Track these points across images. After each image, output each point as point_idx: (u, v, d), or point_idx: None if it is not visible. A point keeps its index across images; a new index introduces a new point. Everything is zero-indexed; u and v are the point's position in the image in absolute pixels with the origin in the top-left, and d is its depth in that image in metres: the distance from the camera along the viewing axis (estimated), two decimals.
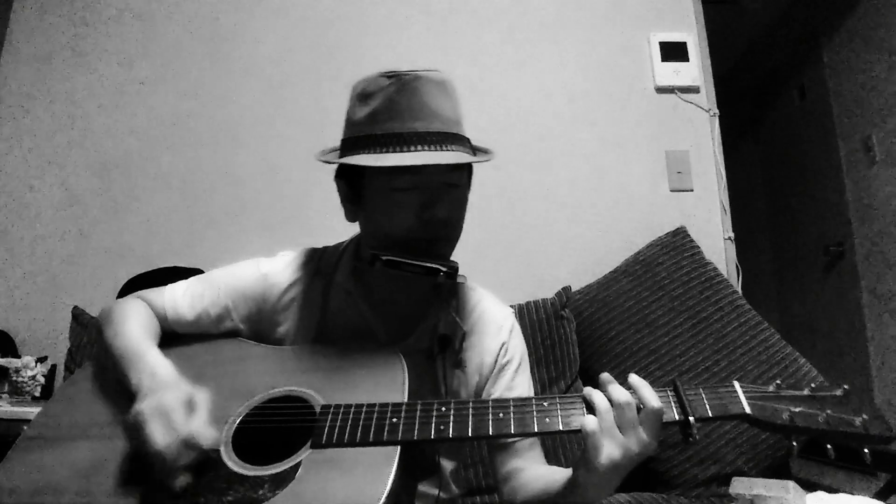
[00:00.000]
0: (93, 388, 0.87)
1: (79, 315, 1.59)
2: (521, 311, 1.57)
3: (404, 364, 0.81)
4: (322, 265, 0.96)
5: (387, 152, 0.79)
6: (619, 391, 0.68)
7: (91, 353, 1.43)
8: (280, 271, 0.95)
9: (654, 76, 1.97)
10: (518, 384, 0.96)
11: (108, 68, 1.93)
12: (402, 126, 0.80)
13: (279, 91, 1.94)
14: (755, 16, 3.01)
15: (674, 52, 1.98)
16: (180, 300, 0.93)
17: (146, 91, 1.92)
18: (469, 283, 0.98)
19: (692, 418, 0.67)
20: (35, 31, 1.95)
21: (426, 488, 0.86)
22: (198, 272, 1.03)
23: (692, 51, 1.98)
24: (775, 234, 3.29)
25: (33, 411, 0.85)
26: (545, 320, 1.57)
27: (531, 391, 1.00)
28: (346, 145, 0.86)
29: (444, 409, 0.72)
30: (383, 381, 0.79)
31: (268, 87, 1.94)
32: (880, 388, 2.29)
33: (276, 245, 1.05)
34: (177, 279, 0.97)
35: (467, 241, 0.92)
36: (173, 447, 0.69)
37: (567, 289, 1.63)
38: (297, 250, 0.99)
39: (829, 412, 0.66)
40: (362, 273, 0.92)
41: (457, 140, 0.83)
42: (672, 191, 1.91)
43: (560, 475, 0.81)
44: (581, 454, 0.69)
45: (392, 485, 0.66)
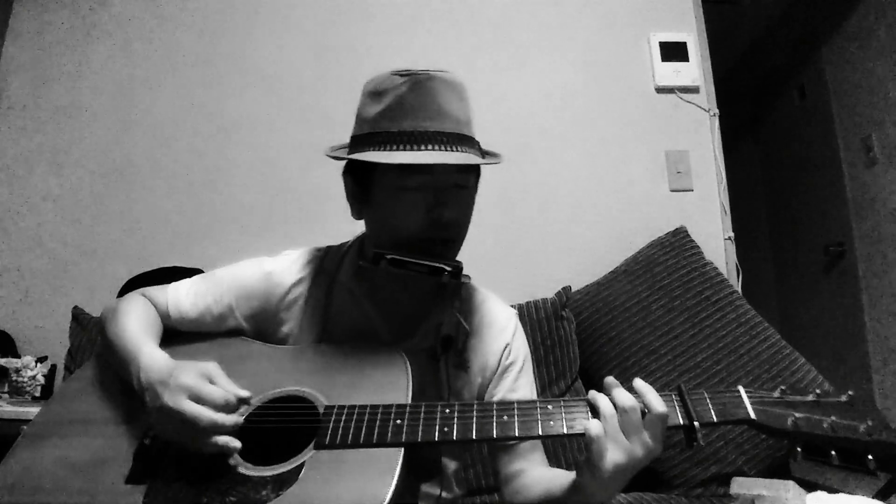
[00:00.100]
0: (95, 385, 0.87)
1: (79, 315, 1.59)
2: (521, 311, 1.57)
3: (408, 365, 0.80)
4: (326, 264, 0.96)
5: (397, 150, 0.79)
6: (623, 396, 0.68)
7: (94, 351, 1.43)
8: (284, 270, 0.94)
9: (654, 76, 1.97)
10: (521, 386, 0.96)
11: (109, 68, 1.93)
12: (413, 125, 0.79)
13: (279, 91, 1.93)
14: (755, 16, 3.01)
15: (674, 52, 1.98)
16: (183, 298, 0.93)
17: (146, 91, 1.92)
18: (472, 283, 0.98)
19: (697, 423, 0.67)
20: (35, 32, 1.95)
21: (428, 488, 0.86)
22: (198, 272, 1.03)
23: (692, 51, 1.98)
24: (775, 234, 3.28)
25: (33, 411, 0.85)
26: (545, 320, 1.57)
27: (534, 393, 0.99)
28: (356, 142, 0.85)
29: (448, 411, 0.72)
30: (387, 381, 0.79)
31: (268, 87, 1.94)
32: (880, 389, 2.29)
33: (275, 245, 1.05)
34: (177, 279, 0.97)
35: (467, 240, 0.92)
36: (219, 411, 0.71)
37: (567, 289, 1.63)
38: (300, 249, 0.99)
39: (833, 418, 0.65)
40: (366, 272, 0.92)
41: (467, 142, 0.83)
42: (672, 191, 1.91)
43: (562, 478, 0.81)
44: (585, 458, 0.69)
45: (396, 486, 0.66)
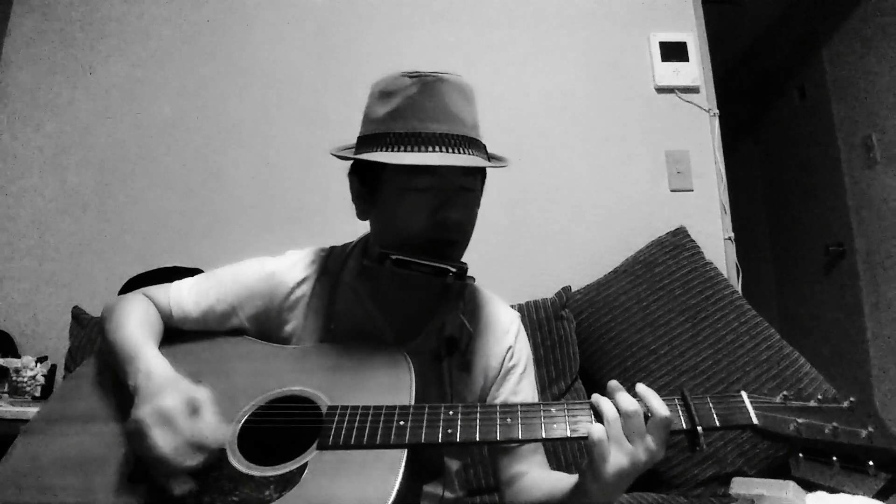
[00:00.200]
0: (96, 383, 0.87)
1: (79, 315, 1.59)
2: (522, 310, 1.57)
3: (411, 366, 0.80)
4: (329, 264, 0.96)
5: (405, 151, 0.79)
6: (627, 400, 0.68)
7: (94, 349, 1.43)
8: (287, 270, 0.94)
9: (654, 76, 1.97)
10: (523, 388, 0.96)
11: (108, 68, 1.93)
12: (422, 126, 0.79)
13: (279, 91, 1.93)
14: (755, 16, 3.01)
15: (674, 52, 1.98)
16: (186, 297, 0.92)
17: (146, 91, 1.92)
18: (476, 284, 0.98)
19: (700, 428, 0.67)
20: (35, 32, 1.95)
21: (431, 488, 0.86)
22: (198, 272, 1.03)
23: (692, 51, 1.98)
24: (775, 234, 3.28)
25: (33, 411, 0.85)
26: (545, 320, 1.57)
27: (536, 395, 0.99)
28: (363, 142, 0.85)
29: (451, 412, 0.72)
30: (390, 382, 0.79)
31: (268, 88, 1.94)
32: (880, 389, 2.29)
33: (275, 245, 1.04)
34: (177, 279, 0.97)
35: None
36: (179, 451, 0.68)
37: (567, 289, 1.63)
38: (304, 249, 0.99)
39: (835, 424, 0.66)
40: (370, 273, 0.92)
41: (475, 145, 0.83)
42: (672, 191, 1.91)
43: (564, 481, 0.81)
44: (588, 461, 0.69)
45: (399, 487, 0.66)
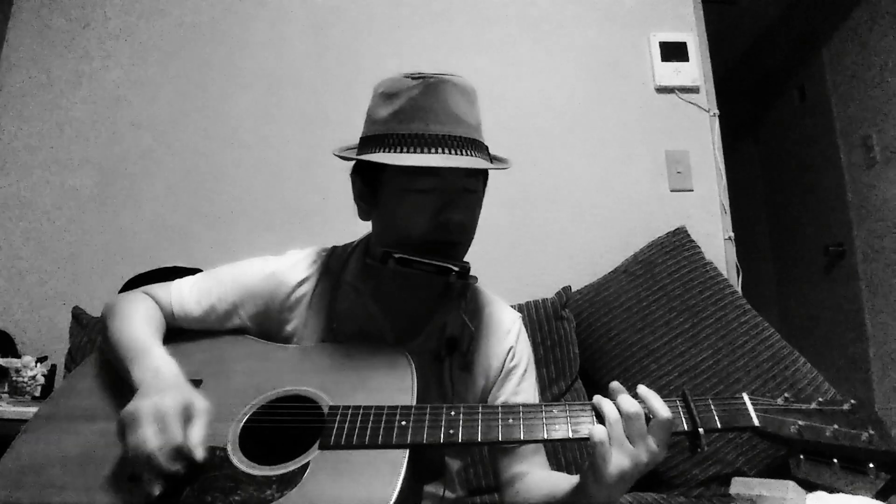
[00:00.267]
0: (97, 381, 0.87)
1: (79, 315, 1.59)
2: (522, 310, 1.56)
3: (412, 366, 0.80)
4: (331, 264, 0.96)
5: (408, 152, 0.79)
6: (628, 401, 0.68)
7: (95, 347, 1.43)
8: (289, 269, 0.94)
9: (654, 76, 1.97)
10: (524, 389, 0.96)
11: (108, 68, 1.93)
12: (425, 127, 0.79)
13: (279, 91, 1.93)
14: (755, 16, 3.00)
15: (674, 52, 1.98)
16: (187, 296, 0.92)
17: (146, 91, 1.92)
18: (477, 285, 0.98)
19: (701, 430, 0.67)
20: (35, 32, 1.95)
21: (432, 488, 0.86)
22: (198, 272, 1.03)
23: (692, 51, 1.98)
24: (775, 234, 3.28)
25: (33, 411, 0.84)
26: (545, 320, 1.57)
27: (537, 396, 0.99)
28: (366, 142, 0.85)
29: (453, 413, 0.72)
30: (391, 382, 0.79)
31: (267, 87, 1.94)
32: (880, 389, 2.29)
33: (275, 245, 1.04)
34: (177, 279, 0.97)
35: None
36: (164, 453, 0.66)
37: (567, 289, 1.63)
38: (306, 249, 0.99)
39: (836, 426, 0.66)
40: (372, 272, 0.92)
41: (477, 146, 0.83)
42: (672, 191, 1.91)
43: (565, 482, 0.81)
44: (589, 462, 0.69)
45: (401, 487, 0.66)
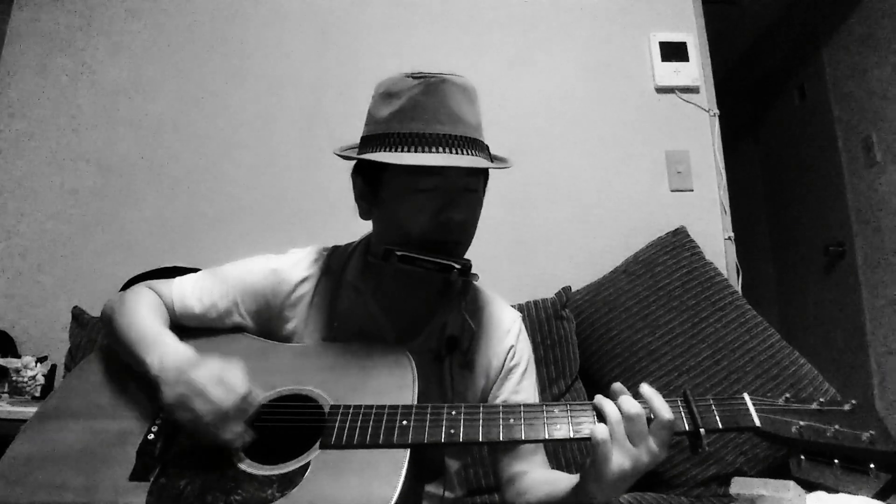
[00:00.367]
0: (98, 380, 0.87)
1: (79, 315, 1.59)
2: (522, 310, 1.56)
3: (413, 365, 0.81)
4: (332, 263, 0.96)
5: (409, 151, 0.79)
6: (630, 402, 0.68)
7: (96, 345, 1.43)
8: (290, 268, 0.94)
9: (654, 76, 1.97)
10: (524, 388, 0.96)
11: (108, 68, 1.93)
12: (426, 127, 0.80)
13: (279, 91, 1.93)
14: (755, 16, 3.00)
15: (674, 52, 1.98)
16: (189, 293, 0.92)
17: (146, 91, 1.92)
18: (477, 284, 0.98)
19: (703, 430, 0.67)
20: (35, 32, 1.95)
21: (432, 488, 0.86)
22: (198, 272, 1.03)
23: (692, 51, 1.98)
24: (775, 234, 3.28)
25: (33, 411, 0.84)
26: (545, 320, 1.57)
27: (537, 395, 1.00)
28: (367, 142, 0.86)
29: (454, 412, 0.72)
30: (392, 381, 0.79)
31: (267, 88, 1.94)
32: (880, 389, 2.29)
33: (275, 245, 1.04)
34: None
35: None
36: (239, 404, 0.72)
37: (567, 289, 1.63)
38: (307, 248, 0.99)
39: (836, 427, 0.66)
40: (373, 271, 0.92)
41: (478, 146, 0.84)
42: (672, 191, 1.91)
43: (564, 481, 0.81)
44: (590, 462, 0.69)
45: (402, 487, 0.66)
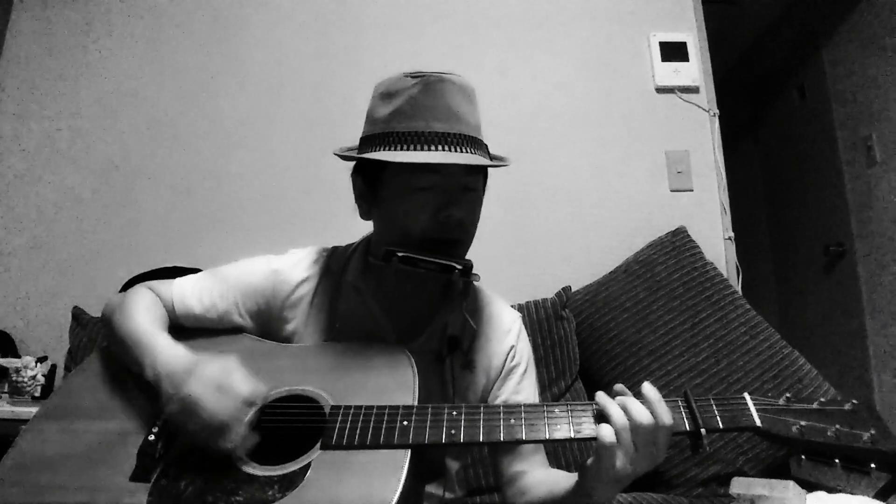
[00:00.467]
0: (98, 381, 0.87)
1: (79, 315, 1.59)
2: (521, 310, 1.57)
3: (414, 365, 0.81)
4: (332, 264, 0.96)
5: (408, 150, 0.79)
6: (638, 409, 0.67)
7: (97, 346, 1.43)
8: (290, 269, 0.94)
9: (654, 76, 1.97)
10: (525, 388, 0.96)
11: (108, 68, 1.93)
12: (424, 125, 0.80)
13: (279, 91, 1.93)
14: (755, 16, 3.00)
15: (674, 52, 1.98)
16: (189, 294, 0.92)
17: (146, 91, 1.92)
18: (477, 285, 0.98)
19: (703, 430, 0.67)
20: (35, 32, 1.95)
21: (432, 489, 0.87)
22: (197, 272, 1.03)
23: (692, 51, 1.98)
24: (775, 234, 3.28)
25: (33, 411, 0.84)
26: (545, 320, 1.57)
27: (537, 394, 1.00)
28: (367, 142, 0.86)
29: (455, 413, 0.73)
30: (393, 382, 0.79)
31: (267, 88, 1.94)
32: (880, 389, 2.29)
33: (276, 245, 1.04)
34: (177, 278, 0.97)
35: None
36: (239, 410, 0.71)
37: (567, 289, 1.63)
38: (307, 249, 0.99)
39: (837, 426, 0.66)
40: (374, 272, 0.92)
41: (477, 144, 0.84)
42: (672, 191, 1.91)
43: (564, 480, 0.81)
44: (591, 463, 0.70)
45: (403, 488, 0.66)
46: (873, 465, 0.62)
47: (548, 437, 0.70)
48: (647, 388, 0.69)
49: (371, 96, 0.88)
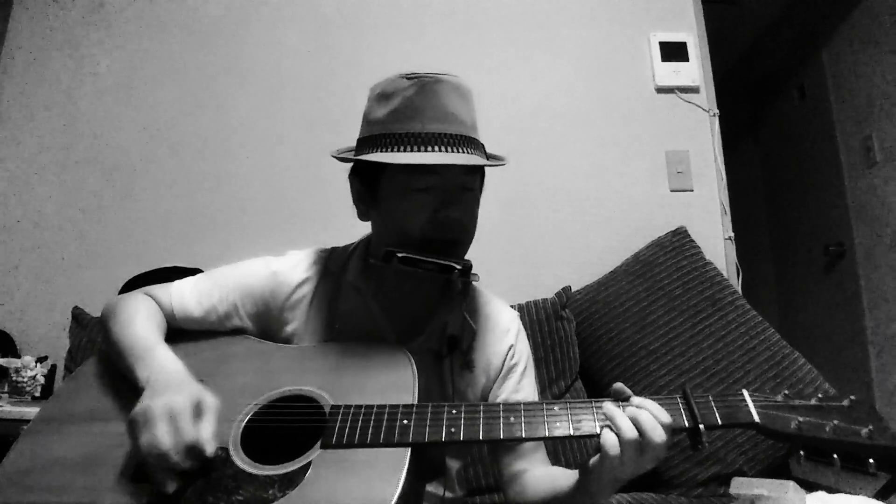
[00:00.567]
0: (98, 382, 0.87)
1: (79, 315, 1.59)
2: (521, 310, 1.57)
3: (413, 365, 0.81)
4: (331, 265, 0.96)
5: (405, 151, 0.80)
6: (649, 423, 0.67)
7: (96, 348, 1.43)
8: (289, 270, 0.95)
9: (654, 76, 1.97)
10: (524, 387, 0.97)
11: (108, 69, 1.93)
12: (421, 126, 0.80)
13: (279, 91, 1.93)
14: (755, 16, 3.01)
15: (674, 52, 1.98)
16: (188, 296, 0.92)
17: (146, 92, 1.92)
18: (476, 284, 0.98)
19: (702, 427, 0.68)
20: (35, 32, 1.95)
21: (432, 488, 0.87)
22: (198, 272, 1.03)
23: (692, 51, 1.98)
24: (775, 234, 3.28)
25: (33, 411, 0.84)
26: (545, 320, 1.57)
27: (536, 393, 1.00)
28: (363, 143, 0.86)
29: (454, 411, 0.73)
30: (393, 381, 0.79)
31: (267, 88, 1.94)
32: (880, 389, 2.29)
33: (275, 245, 1.05)
34: (177, 279, 0.97)
35: None
36: (177, 451, 0.67)
37: (567, 289, 1.63)
38: (306, 250, 0.99)
39: (835, 422, 0.66)
40: (373, 272, 0.93)
41: (473, 144, 0.84)
42: (672, 191, 1.91)
43: (564, 479, 0.82)
44: (594, 465, 0.70)
45: (403, 487, 0.66)
46: (872, 460, 0.62)
47: (547, 434, 0.70)
48: (643, 402, 0.69)
49: (367, 98, 0.88)
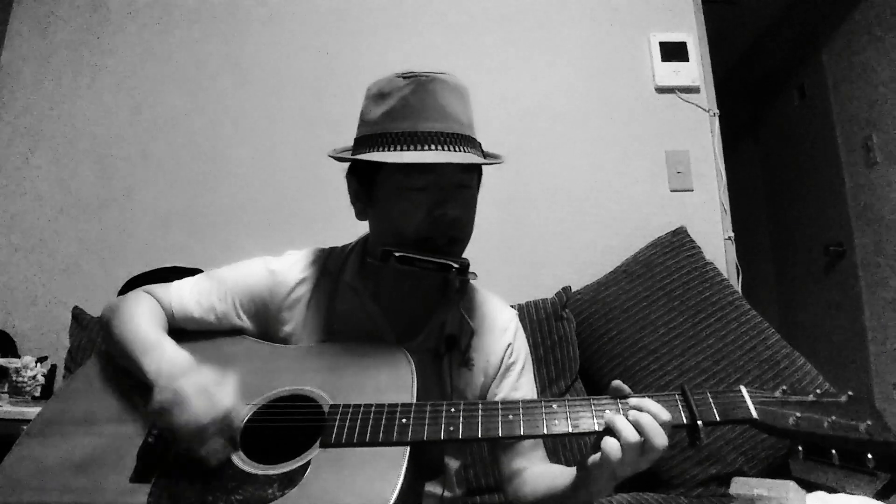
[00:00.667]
0: (98, 383, 0.87)
1: (79, 315, 1.59)
2: (521, 310, 1.57)
3: (412, 364, 0.81)
4: (329, 265, 0.97)
5: (402, 150, 0.80)
6: (657, 433, 0.67)
7: (96, 349, 1.43)
8: (287, 270, 0.95)
9: (654, 76, 1.97)
10: (523, 385, 0.97)
11: (109, 68, 1.93)
12: (417, 125, 0.80)
13: (279, 91, 1.93)
14: (755, 16, 3.01)
15: (674, 52, 1.98)
16: (187, 296, 0.93)
17: (146, 91, 1.92)
18: (474, 284, 0.98)
19: (700, 422, 0.68)
20: (35, 31, 1.95)
21: (431, 488, 0.87)
22: (197, 272, 1.03)
23: (692, 51, 1.98)
24: (775, 234, 3.29)
25: (33, 411, 0.85)
26: (545, 320, 1.57)
27: (535, 392, 1.00)
28: (360, 143, 0.86)
29: (453, 410, 0.73)
30: (391, 380, 0.79)
31: (268, 87, 1.94)
32: (880, 389, 2.29)
33: (275, 245, 1.05)
34: (177, 279, 0.97)
35: None
36: (217, 420, 0.72)
37: (567, 289, 1.63)
38: (304, 250, 0.99)
39: (833, 418, 0.66)
40: (371, 272, 0.93)
41: (470, 142, 0.84)
42: (672, 191, 1.91)
43: (563, 477, 0.82)
44: (593, 464, 0.70)
45: (401, 486, 0.66)
46: (870, 455, 0.62)
47: (546, 432, 0.70)
48: (640, 401, 0.70)
49: (364, 97, 0.89)
